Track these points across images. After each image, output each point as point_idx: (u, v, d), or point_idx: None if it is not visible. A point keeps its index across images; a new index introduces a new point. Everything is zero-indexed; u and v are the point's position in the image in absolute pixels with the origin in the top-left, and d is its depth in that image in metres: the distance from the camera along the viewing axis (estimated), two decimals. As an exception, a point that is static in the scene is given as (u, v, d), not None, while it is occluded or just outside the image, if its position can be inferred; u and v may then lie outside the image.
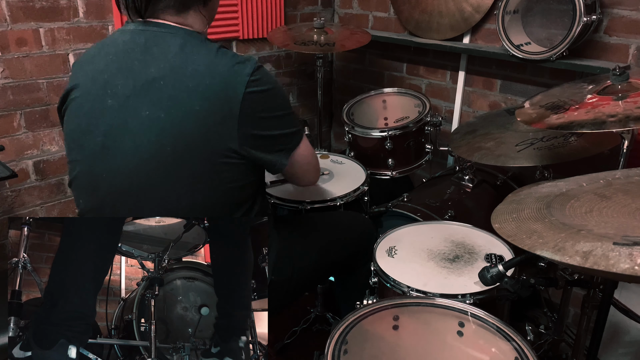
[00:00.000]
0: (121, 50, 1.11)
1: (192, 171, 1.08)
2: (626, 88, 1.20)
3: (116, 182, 1.11)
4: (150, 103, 1.06)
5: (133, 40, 1.11)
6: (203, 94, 1.04)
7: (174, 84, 1.05)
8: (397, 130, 2.01)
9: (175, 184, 1.09)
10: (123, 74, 1.09)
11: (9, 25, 1.83)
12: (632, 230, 0.78)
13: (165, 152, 1.06)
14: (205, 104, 1.05)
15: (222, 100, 1.06)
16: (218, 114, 1.06)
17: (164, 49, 1.08)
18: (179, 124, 1.05)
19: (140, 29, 1.11)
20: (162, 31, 1.10)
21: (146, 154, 1.07)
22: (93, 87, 1.12)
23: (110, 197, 1.13)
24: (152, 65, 1.07)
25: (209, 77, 1.05)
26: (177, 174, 1.08)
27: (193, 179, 1.09)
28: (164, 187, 1.09)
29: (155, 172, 1.08)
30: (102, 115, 1.10)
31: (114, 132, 1.09)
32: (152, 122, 1.06)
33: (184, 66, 1.06)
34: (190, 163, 1.07)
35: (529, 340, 1.06)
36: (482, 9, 2.17)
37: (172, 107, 1.05)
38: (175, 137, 1.05)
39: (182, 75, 1.05)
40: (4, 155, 1.89)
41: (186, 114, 1.05)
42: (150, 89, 1.06)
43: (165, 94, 1.05)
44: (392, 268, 1.35)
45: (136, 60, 1.08)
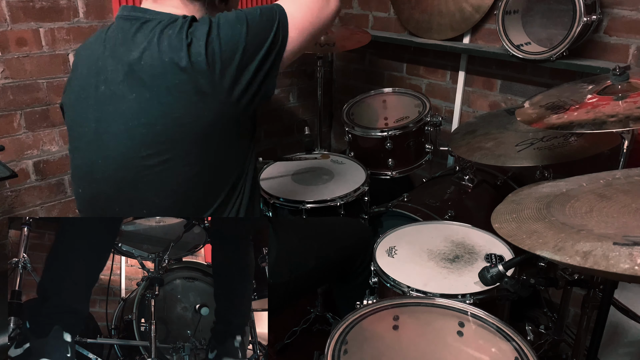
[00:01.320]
0: (112, 37, 1.14)
1: (185, 146, 1.09)
2: (626, 88, 1.20)
3: (111, 168, 1.12)
4: (136, 85, 1.07)
5: (120, 27, 1.13)
6: (177, 65, 1.04)
7: (152, 62, 1.06)
8: (397, 130, 2.01)
9: (169, 162, 1.10)
10: (113, 61, 1.11)
11: (9, 25, 1.83)
12: (632, 230, 0.78)
13: (156, 131, 1.07)
14: (182, 75, 1.05)
15: (191, 63, 1.04)
16: (195, 79, 1.05)
17: (146, 33, 1.09)
18: (164, 101, 1.06)
19: (132, 15, 1.12)
20: (147, 17, 1.11)
21: (138, 135, 1.08)
22: (88, 74, 1.14)
23: (106, 182, 1.15)
24: (133, 49, 1.08)
25: (179, 48, 1.04)
26: (170, 151, 1.09)
27: (187, 154, 1.10)
28: (160, 167, 1.10)
29: (148, 153, 1.09)
30: (95, 102, 1.12)
31: (105, 119, 1.11)
32: (139, 104, 1.07)
33: (159, 44, 1.06)
34: (181, 138, 1.08)
35: (529, 340, 1.06)
36: (482, 9, 2.17)
37: (155, 86, 1.06)
38: (163, 114, 1.06)
39: (158, 52, 1.05)
40: (4, 155, 1.89)
41: (168, 89, 1.05)
42: (134, 71, 1.07)
43: (147, 73, 1.06)
44: (392, 268, 1.35)
45: (121, 46, 1.10)
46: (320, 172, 1.96)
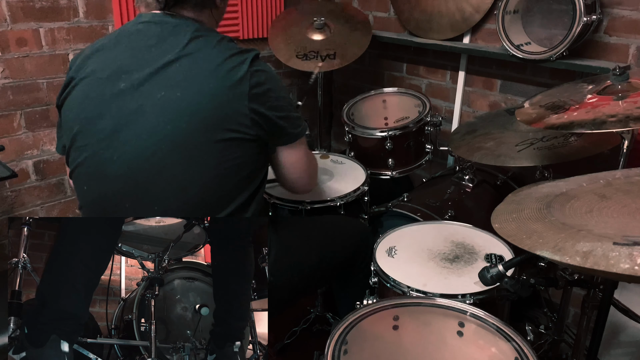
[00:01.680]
0: (136, 39, 1.16)
1: (206, 148, 1.12)
2: (626, 88, 1.20)
3: (126, 165, 1.12)
4: (166, 85, 1.11)
5: (149, 30, 1.16)
6: (215, 73, 1.12)
7: (189, 66, 1.12)
8: (397, 130, 2.01)
9: (188, 162, 1.12)
10: (138, 61, 1.13)
11: (9, 25, 1.83)
12: (632, 230, 0.78)
13: (180, 130, 1.10)
14: (218, 82, 1.11)
15: (233, 78, 1.12)
16: (230, 90, 1.12)
17: (179, 38, 1.14)
18: (194, 101, 1.10)
19: (156, 20, 1.17)
20: (178, 22, 1.17)
21: (161, 133, 1.10)
22: (103, 73, 1.15)
23: (119, 181, 1.14)
24: (168, 52, 1.13)
25: (221, 57, 1.13)
26: (191, 151, 1.12)
27: (206, 156, 1.13)
28: (176, 166, 1.12)
29: (169, 152, 1.11)
30: (114, 99, 1.13)
31: (126, 116, 1.12)
32: (167, 103, 1.10)
33: (197, 50, 1.13)
34: (204, 140, 1.11)
35: (529, 340, 1.06)
36: (482, 9, 2.16)
37: (187, 86, 1.11)
38: (190, 114, 1.10)
39: (196, 58, 1.13)
40: (4, 155, 1.89)
41: (200, 92, 1.10)
42: (166, 71, 1.12)
43: (180, 74, 1.11)
44: (392, 268, 1.35)
45: (153, 47, 1.14)
46: (320, 172, 1.96)
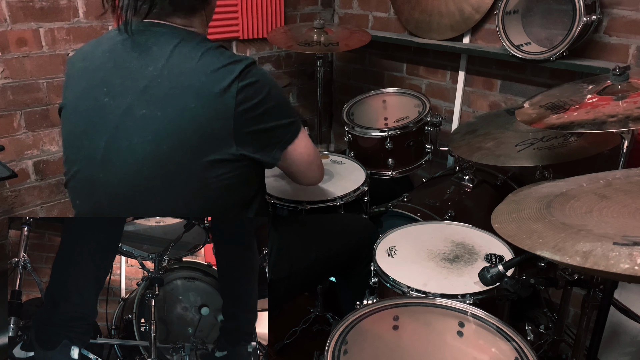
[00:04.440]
0: (119, 49, 1.11)
1: (189, 170, 1.08)
2: (626, 88, 1.20)
3: (113, 184, 1.10)
4: (147, 102, 1.05)
5: (132, 40, 1.10)
6: (198, 91, 1.04)
7: (170, 82, 1.05)
8: (397, 130, 2.01)
9: (172, 184, 1.08)
10: (120, 73, 1.09)
11: (9, 25, 1.83)
12: (632, 230, 0.78)
13: (161, 152, 1.05)
14: (200, 101, 1.04)
15: (217, 97, 1.05)
16: (213, 111, 1.05)
17: (163, 48, 1.08)
18: (175, 122, 1.04)
19: (141, 28, 1.11)
20: (163, 31, 1.10)
21: (142, 153, 1.06)
22: (87, 85, 1.12)
23: (106, 199, 1.12)
24: (150, 64, 1.07)
25: (203, 74, 1.05)
26: (173, 174, 1.07)
27: (190, 178, 1.08)
28: (160, 187, 1.09)
29: (152, 172, 1.07)
30: (102, 116, 1.09)
31: (110, 132, 1.08)
32: (148, 122, 1.05)
33: (180, 64, 1.06)
34: (186, 162, 1.07)
35: (529, 340, 1.06)
36: (482, 9, 2.17)
37: (168, 105, 1.05)
38: (171, 135, 1.05)
39: (178, 74, 1.05)
40: (4, 155, 1.89)
41: (181, 112, 1.04)
42: (147, 88, 1.06)
43: (161, 92, 1.05)
44: (392, 268, 1.35)
45: (135, 59, 1.08)
46: (320, 172, 1.96)
